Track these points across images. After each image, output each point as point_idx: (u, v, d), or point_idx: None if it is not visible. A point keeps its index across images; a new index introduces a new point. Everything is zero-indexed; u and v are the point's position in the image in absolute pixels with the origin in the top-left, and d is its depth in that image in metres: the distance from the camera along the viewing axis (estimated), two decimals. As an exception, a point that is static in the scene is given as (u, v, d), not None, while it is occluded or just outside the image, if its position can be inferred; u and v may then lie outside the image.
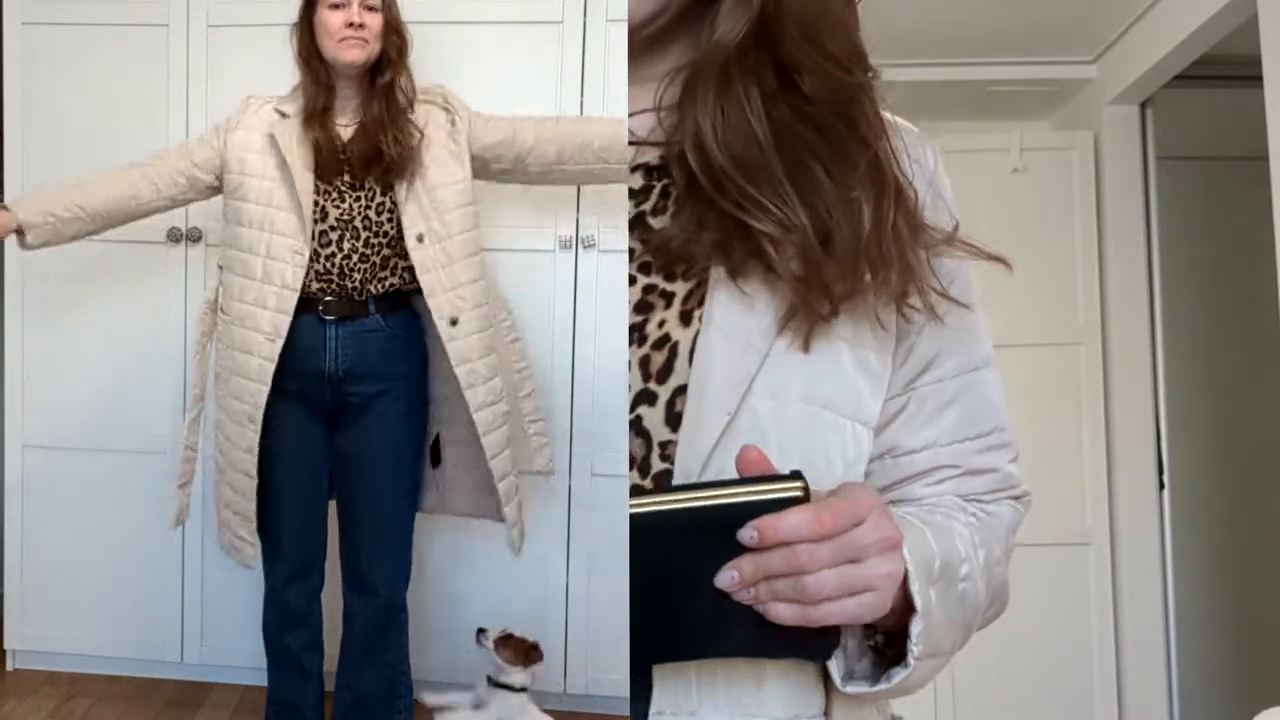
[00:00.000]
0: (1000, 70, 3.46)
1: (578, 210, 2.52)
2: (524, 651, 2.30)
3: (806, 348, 0.75)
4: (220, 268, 2.11)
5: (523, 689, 2.31)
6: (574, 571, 2.56)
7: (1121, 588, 3.37)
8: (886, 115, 0.81)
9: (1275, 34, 2.49)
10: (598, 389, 2.52)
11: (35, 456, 2.73)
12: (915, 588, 0.72)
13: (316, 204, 2.01)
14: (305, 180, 2.01)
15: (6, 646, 2.79)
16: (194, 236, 2.63)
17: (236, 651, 2.63)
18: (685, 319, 0.76)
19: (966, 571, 0.78)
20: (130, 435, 2.69)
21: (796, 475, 0.68)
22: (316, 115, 2.02)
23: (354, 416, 2.10)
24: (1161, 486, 3.34)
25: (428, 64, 2.46)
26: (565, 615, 2.57)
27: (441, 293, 2.02)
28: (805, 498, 0.67)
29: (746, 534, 0.66)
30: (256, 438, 2.04)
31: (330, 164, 2.02)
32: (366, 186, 2.02)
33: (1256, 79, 2.53)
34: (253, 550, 2.12)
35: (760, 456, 0.69)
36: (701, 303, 0.76)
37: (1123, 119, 3.41)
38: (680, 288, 0.77)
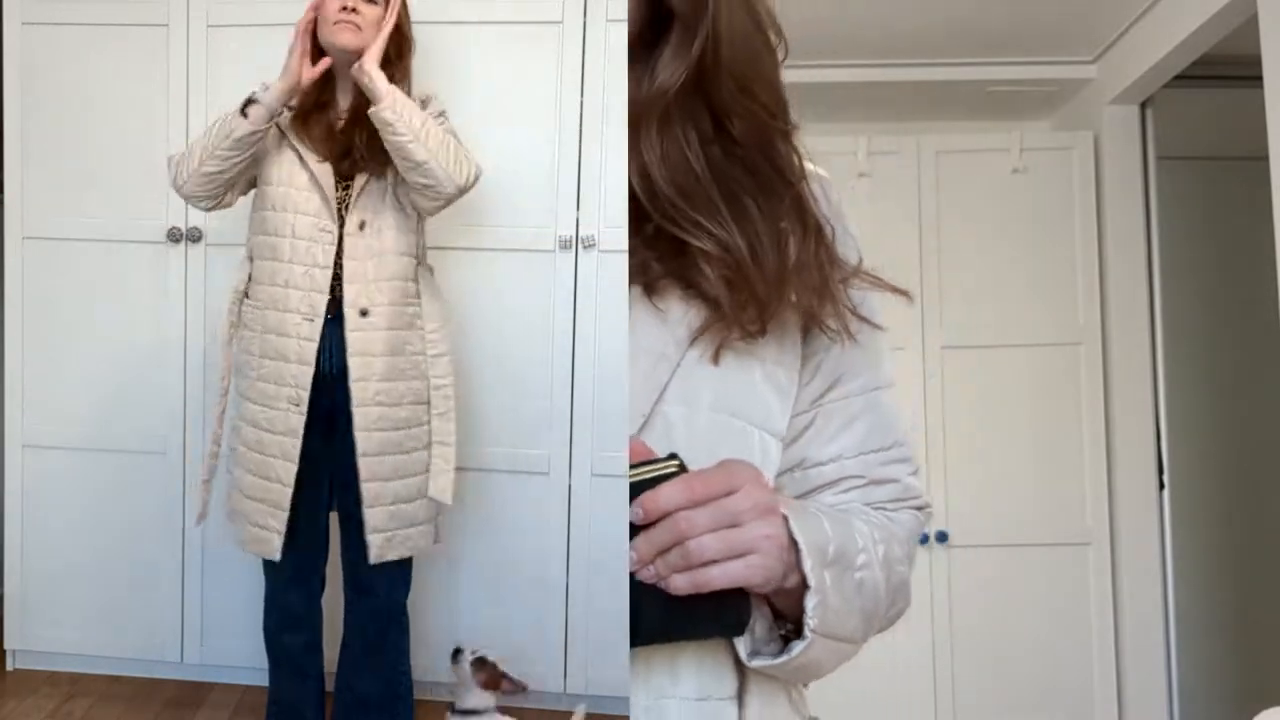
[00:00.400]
0: (1000, 70, 3.45)
1: (578, 210, 2.52)
2: (496, 678, 2.26)
3: (715, 360, 0.82)
4: (250, 258, 2.11)
5: (487, 710, 2.26)
6: (574, 571, 2.56)
7: (1121, 588, 3.37)
8: (807, 164, 0.90)
9: (1275, 34, 2.49)
10: (597, 389, 2.52)
11: (35, 456, 2.73)
12: (808, 565, 0.77)
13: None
14: (318, 161, 2.05)
15: (6, 646, 2.79)
16: (194, 237, 2.63)
17: (236, 651, 2.63)
18: None
19: (864, 561, 0.83)
20: (130, 435, 2.69)
21: (673, 456, 0.74)
22: (315, 108, 2.07)
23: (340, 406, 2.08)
24: (1161, 486, 3.34)
25: (428, 64, 2.47)
26: (565, 615, 2.57)
27: (360, 282, 2.02)
28: (682, 472, 0.73)
29: (633, 512, 0.72)
30: (302, 420, 2.03)
31: (331, 152, 2.06)
32: (356, 177, 2.06)
33: (1256, 79, 2.53)
34: (278, 540, 2.07)
35: (641, 445, 0.75)
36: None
37: (1123, 119, 3.41)
38: None
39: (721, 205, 0.83)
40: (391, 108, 1.94)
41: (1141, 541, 3.35)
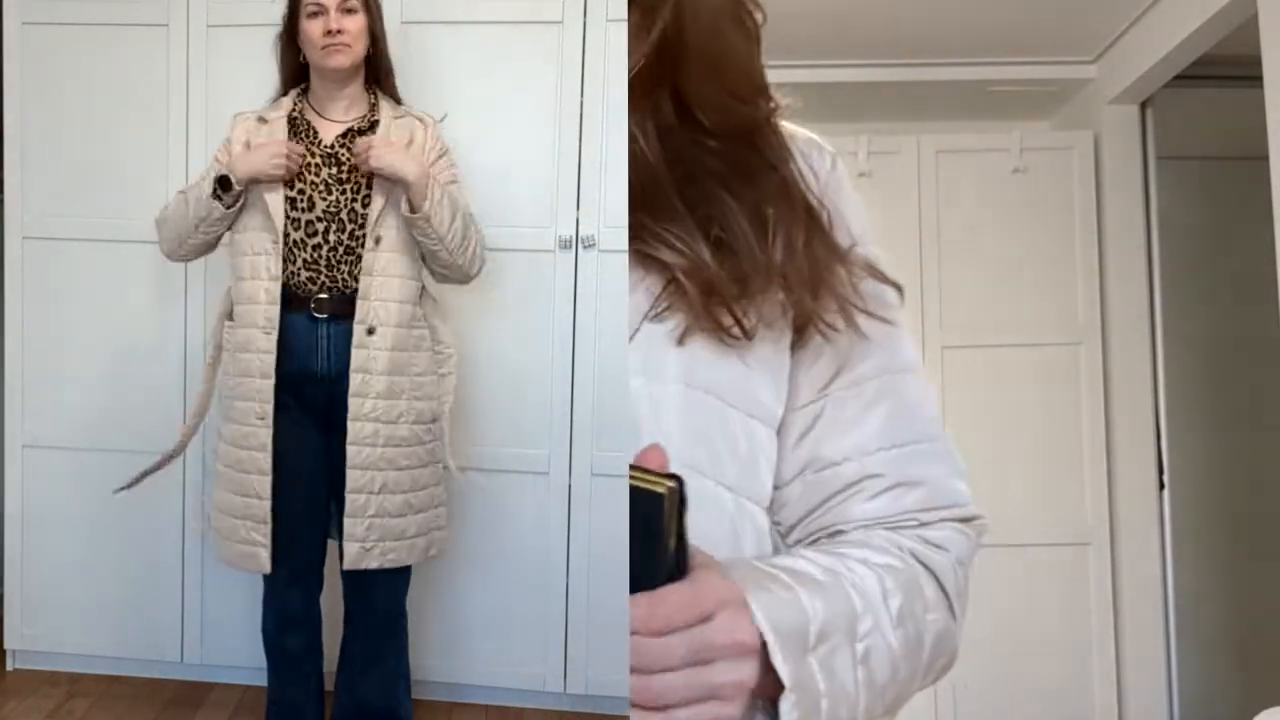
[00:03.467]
0: (1000, 70, 3.46)
1: (578, 210, 2.52)
2: None
3: (681, 341, 0.72)
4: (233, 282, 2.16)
5: None
6: (574, 571, 2.56)
7: (1121, 588, 3.37)
8: (787, 126, 0.80)
9: (1275, 34, 2.49)
10: (597, 389, 2.52)
11: (35, 456, 2.73)
12: (778, 659, 0.65)
13: (301, 193, 2.07)
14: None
15: (6, 646, 2.79)
16: (194, 236, 2.63)
17: (236, 651, 2.63)
18: None
19: (869, 627, 0.70)
20: (130, 435, 2.68)
21: (674, 477, 0.62)
22: (299, 119, 2.12)
23: (342, 418, 2.09)
24: (1161, 486, 3.34)
25: (429, 64, 2.47)
26: (565, 615, 2.56)
27: (373, 299, 2.05)
28: (671, 499, 0.62)
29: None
30: (269, 433, 2.06)
31: (315, 159, 2.09)
32: (353, 180, 2.07)
33: (1256, 79, 2.53)
34: (266, 554, 2.08)
35: (659, 455, 0.64)
36: None
37: (1123, 119, 3.41)
38: None
39: (677, 203, 0.74)
40: (427, 217, 2.01)
41: (1141, 541, 3.35)
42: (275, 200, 2.06)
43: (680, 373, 0.72)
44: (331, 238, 2.06)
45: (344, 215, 2.07)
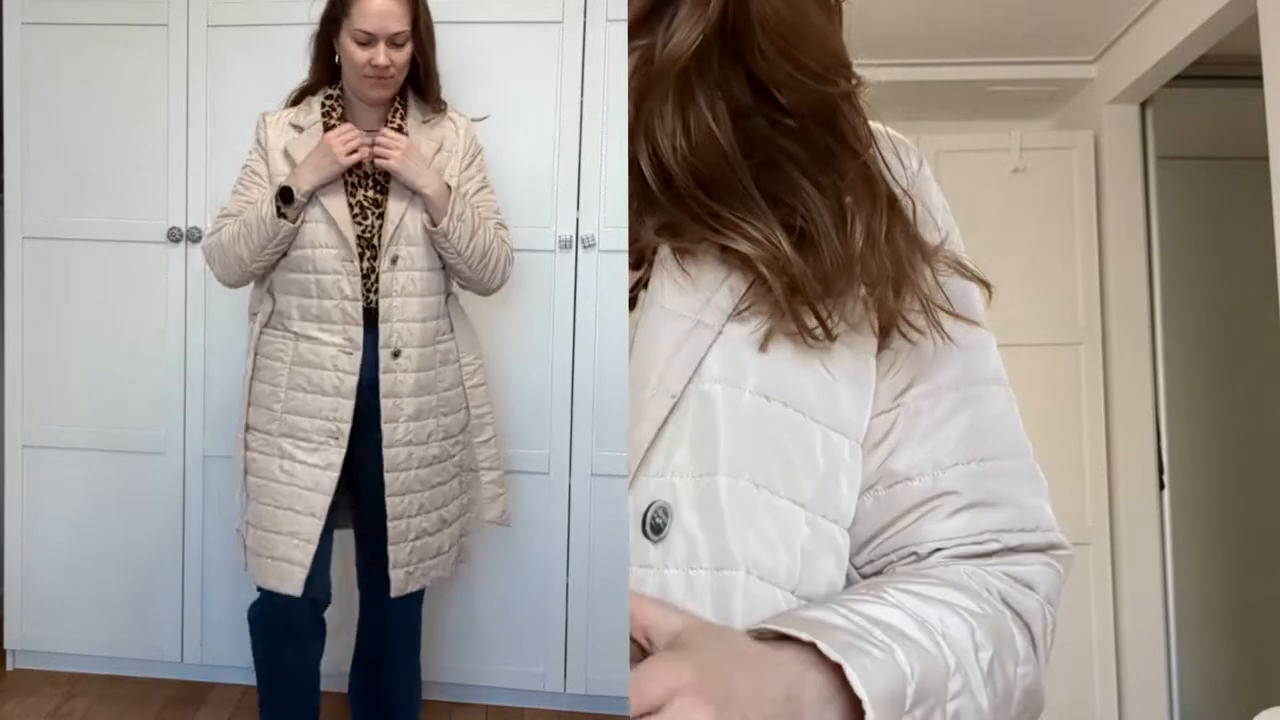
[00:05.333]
0: (1000, 70, 3.46)
1: (578, 210, 2.52)
2: None
3: (764, 346, 0.67)
4: (270, 293, 2.02)
5: None
6: (574, 571, 2.56)
7: (1121, 588, 3.37)
8: (874, 125, 0.74)
9: (1275, 34, 2.49)
10: (597, 389, 2.52)
11: (35, 456, 2.73)
12: None
13: (361, 205, 1.97)
14: (333, 189, 1.96)
15: (6, 646, 2.79)
16: (194, 236, 2.62)
17: (236, 651, 2.62)
18: (633, 303, 0.68)
19: (959, 686, 0.63)
20: (130, 436, 2.69)
21: None
22: (331, 129, 1.98)
23: (368, 435, 2.01)
24: (1161, 486, 3.34)
25: (428, 64, 2.47)
26: (565, 615, 2.56)
27: (394, 321, 1.98)
28: None
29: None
30: (342, 454, 1.98)
31: (351, 178, 1.98)
32: (381, 204, 1.98)
33: (1256, 79, 2.53)
34: (302, 574, 1.97)
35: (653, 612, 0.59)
36: (641, 286, 0.68)
37: (1123, 119, 3.41)
38: (631, 276, 0.69)
39: (755, 192, 0.68)
40: (445, 233, 1.94)
41: (1141, 541, 3.35)
42: (340, 210, 1.95)
43: (760, 383, 0.66)
44: (363, 265, 1.97)
45: (377, 241, 1.97)
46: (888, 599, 0.65)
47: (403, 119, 2.00)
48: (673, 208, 0.68)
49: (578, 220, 2.52)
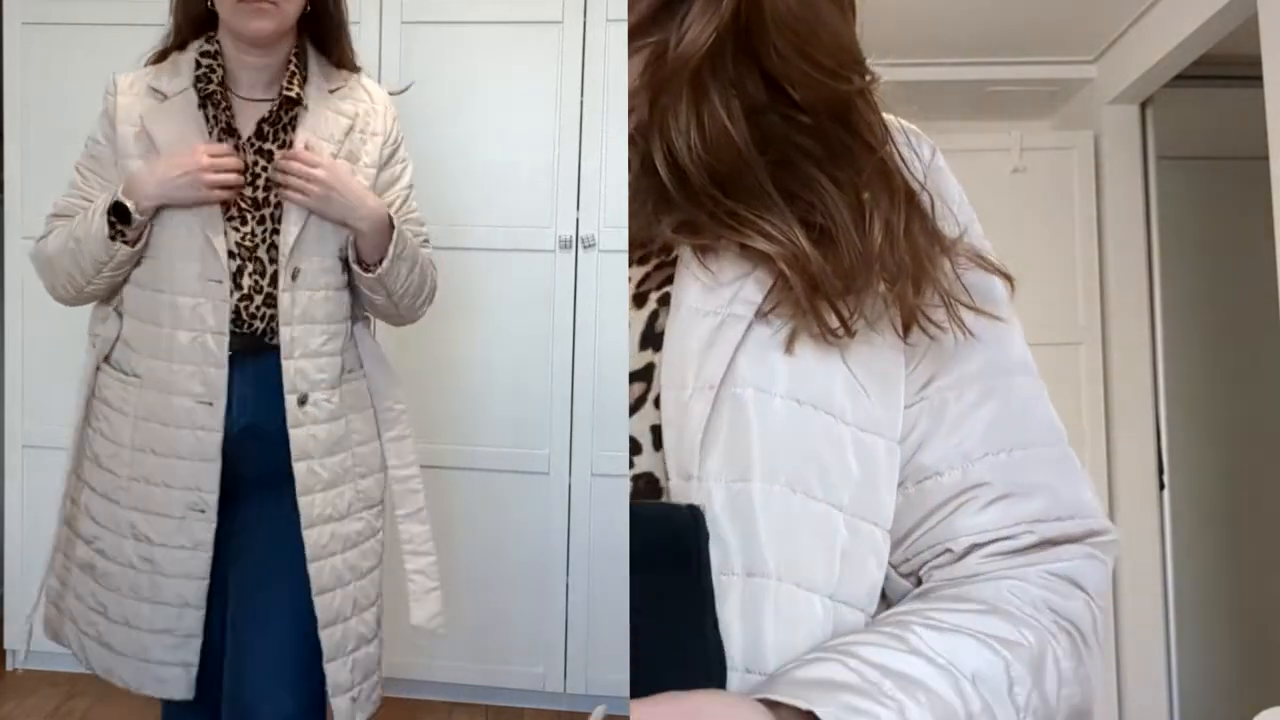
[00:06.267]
0: (1000, 70, 3.46)
1: (578, 210, 2.52)
2: None
3: (790, 348, 0.66)
4: (117, 312, 1.53)
5: None
6: (574, 571, 2.56)
7: (1121, 588, 3.37)
8: (887, 116, 0.75)
9: (1275, 34, 2.49)
10: (597, 389, 2.52)
11: (35, 456, 2.73)
12: None
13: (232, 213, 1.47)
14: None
15: (6, 646, 2.79)
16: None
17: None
18: (640, 301, 0.68)
19: None
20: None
21: (693, 509, 0.61)
22: (212, 95, 1.48)
23: (248, 495, 1.52)
24: (1161, 486, 3.34)
25: (429, 64, 2.47)
26: (565, 615, 2.57)
27: (299, 356, 1.48)
28: (700, 523, 0.59)
29: None
30: (212, 529, 1.48)
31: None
32: (272, 202, 1.47)
33: (1256, 79, 2.53)
34: (189, 676, 1.51)
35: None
36: (661, 285, 0.68)
37: (1123, 119, 3.41)
38: (636, 272, 0.69)
39: (771, 189, 0.68)
40: (380, 279, 1.50)
41: (1141, 541, 3.35)
42: (210, 219, 1.45)
43: (790, 386, 0.65)
44: (246, 281, 1.46)
45: (261, 252, 1.47)
46: (910, 640, 0.63)
47: (302, 85, 1.49)
48: (689, 206, 0.68)
49: (578, 220, 2.52)
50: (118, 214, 1.43)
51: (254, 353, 1.47)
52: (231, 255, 1.45)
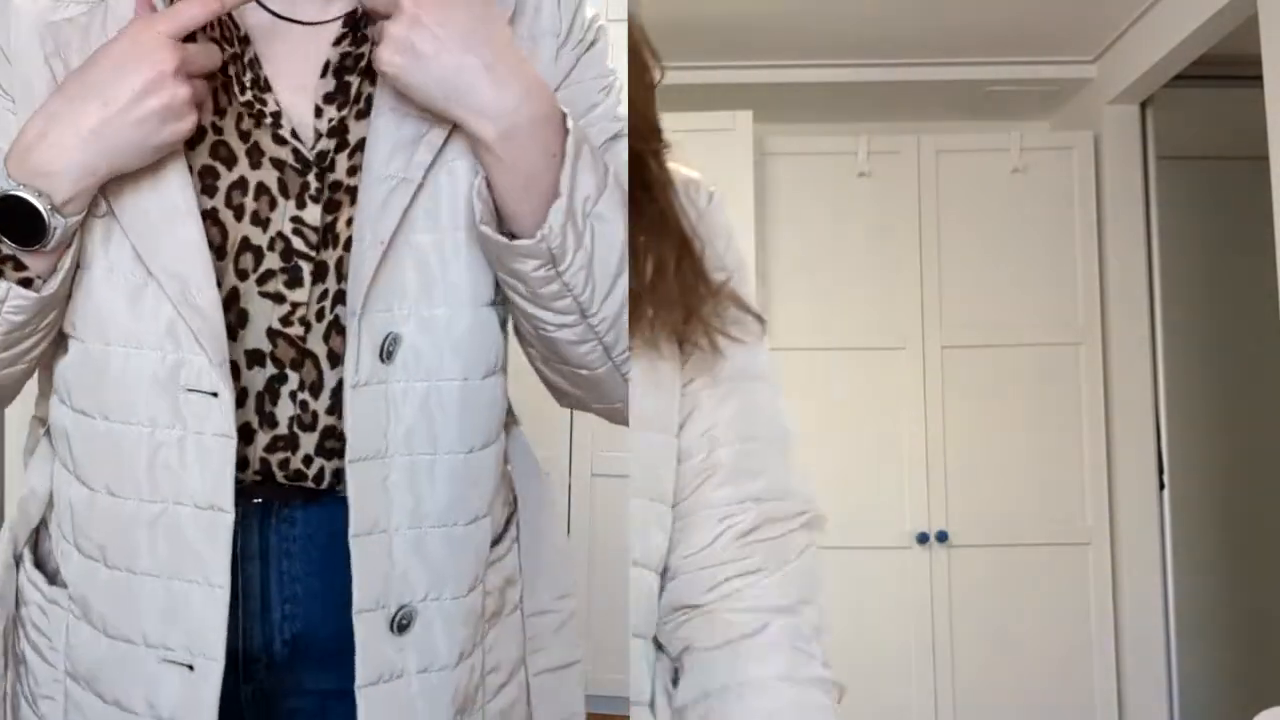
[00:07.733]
0: (1000, 70, 3.46)
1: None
2: None
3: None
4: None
5: None
6: (573, 571, 2.56)
7: (1121, 588, 3.37)
8: (672, 166, 0.86)
9: (1275, 34, 2.49)
10: (598, 389, 2.53)
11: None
12: None
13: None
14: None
15: (6, 646, 2.79)
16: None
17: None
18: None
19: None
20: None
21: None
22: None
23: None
24: (1161, 486, 3.34)
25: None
26: (565, 615, 2.57)
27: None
28: None
29: None
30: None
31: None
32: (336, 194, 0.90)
33: (1256, 79, 2.53)
34: None
35: None
36: None
37: (1123, 119, 3.41)
38: None
39: None
40: (548, 252, 0.81)
41: (1141, 541, 3.35)
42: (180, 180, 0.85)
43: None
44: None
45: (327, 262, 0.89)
46: None
47: None
48: None
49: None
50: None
51: (303, 503, 0.90)
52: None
